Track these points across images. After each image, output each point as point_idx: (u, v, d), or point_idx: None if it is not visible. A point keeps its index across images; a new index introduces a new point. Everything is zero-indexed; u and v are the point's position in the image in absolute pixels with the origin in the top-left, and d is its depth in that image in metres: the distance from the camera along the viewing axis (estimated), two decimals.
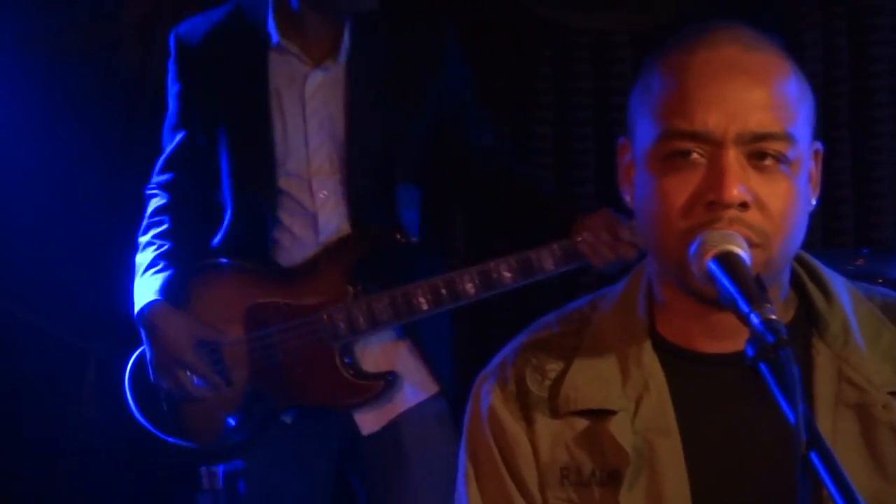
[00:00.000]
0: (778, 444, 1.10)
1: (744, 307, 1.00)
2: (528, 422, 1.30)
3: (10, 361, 2.84)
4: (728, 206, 1.13)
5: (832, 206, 2.76)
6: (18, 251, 2.83)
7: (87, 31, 2.91)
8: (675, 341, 1.27)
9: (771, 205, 1.15)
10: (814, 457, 0.87)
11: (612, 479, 1.24)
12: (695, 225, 1.14)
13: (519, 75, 2.91)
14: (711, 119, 1.14)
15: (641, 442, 1.24)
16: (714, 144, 1.14)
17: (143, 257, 2.25)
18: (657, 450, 1.23)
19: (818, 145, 1.24)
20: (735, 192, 1.12)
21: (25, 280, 2.85)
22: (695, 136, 1.14)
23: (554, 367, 1.30)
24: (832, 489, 0.86)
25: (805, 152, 1.19)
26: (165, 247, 2.23)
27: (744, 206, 1.13)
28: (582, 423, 1.27)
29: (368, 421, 2.21)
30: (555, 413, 1.28)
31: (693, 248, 1.11)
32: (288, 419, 2.25)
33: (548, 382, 1.30)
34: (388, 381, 2.18)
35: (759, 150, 1.14)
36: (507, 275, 2.11)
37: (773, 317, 0.97)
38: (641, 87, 1.22)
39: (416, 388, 2.23)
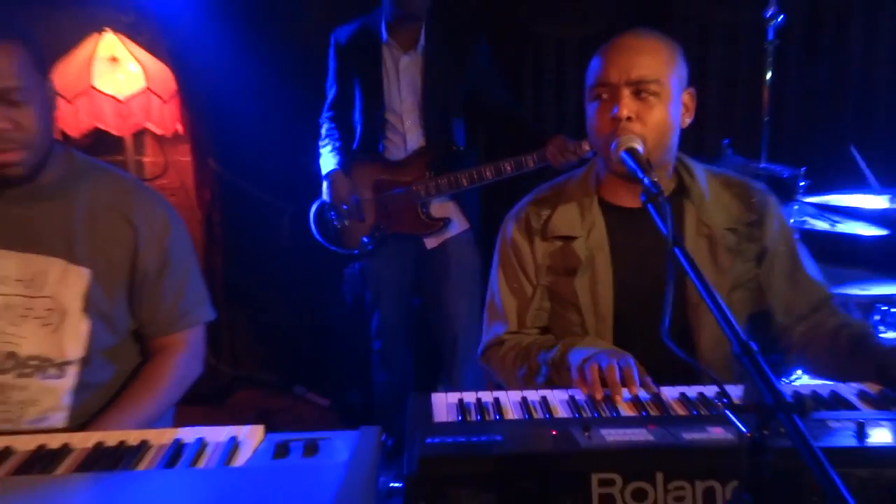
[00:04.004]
0: (661, 255, 1.22)
1: (640, 175, 1.25)
2: (531, 242, 1.62)
3: (240, 215, 3.55)
4: (619, 119, 1.43)
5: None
6: (244, 147, 3.34)
7: (290, 30, 3.29)
8: (610, 200, 1.60)
9: (646, 119, 1.45)
10: (677, 251, 1.09)
11: (572, 272, 1.58)
12: (607, 133, 1.47)
13: (513, 62, 3.34)
14: (612, 74, 1.46)
15: (588, 253, 1.56)
16: (614, 88, 1.45)
17: (326, 149, 2.83)
18: (597, 257, 1.56)
19: (691, 90, 1.55)
20: (624, 111, 1.42)
21: (248, 165, 3.43)
22: (605, 85, 1.47)
23: (546, 212, 1.62)
24: (688, 269, 1.07)
25: (673, 91, 1.48)
26: (338, 144, 2.83)
27: (629, 119, 1.42)
28: (558, 244, 1.59)
29: (431, 241, 2.88)
30: (544, 237, 1.60)
31: (613, 146, 1.40)
32: (383, 235, 2.81)
33: (542, 220, 1.61)
34: (445, 222, 2.85)
35: (638, 89, 1.44)
36: (508, 168, 2.68)
37: (656, 180, 1.22)
38: (590, 64, 1.54)
39: (457, 224, 2.87)
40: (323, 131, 2.88)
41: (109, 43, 3.15)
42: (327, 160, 2.81)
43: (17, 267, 1.60)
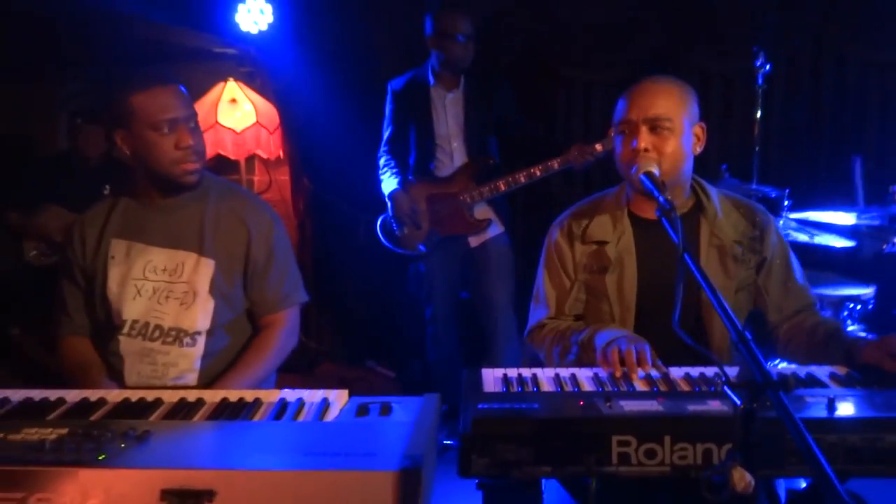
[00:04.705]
0: (675, 261, 1.17)
1: (656, 194, 1.28)
2: (571, 245, 1.63)
3: (326, 222, 3.57)
4: (638, 150, 1.45)
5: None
6: (331, 168, 3.39)
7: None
8: (636, 213, 1.60)
9: (661, 150, 1.46)
10: (686, 256, 1.10)
11: (603, 270, 1.58)
12: (629, 159, 1.48)
13: (547, 103, 3.39)
14: (633, 113, 1.48)
15: (618, 255, 1.56)
16: (634, 124, 1.47)
17: (386, 175, 2.88)
18: (625, 259, 1.56)
19: (702, 123, 1.53)
20: (642, 144, 1.44)
21: (333, 183, 3.45)
22: (627, 122, 1.49)
23: (584, 221, 1.62)
24: (695, 271, 1.06)
25: (685, 126, 1.46)
26: (396, 170, 2.88)
27: (646, 150, 1.44)
28: (593, 247, 1.60)
29: (474, 240, 2.88)
30: (583, 242, 1.61)
31: (633, 170, 1.43)
32: (437, 239, 2.83)
33: (582, 227, 1.62)
34: (487, 222, 2.86)
35: (654, 125, 1.46)
36: (538, 171, 2.71)
37: (669, 198, 1.25)
38: (617, 104, 1.56)
39: (496, 227, 2.88)
40: (381, 162, 2.92)
41: (231, 88, 3.26)
42: (389, 183, 2.84)
43: (164, 260, 1.69)
